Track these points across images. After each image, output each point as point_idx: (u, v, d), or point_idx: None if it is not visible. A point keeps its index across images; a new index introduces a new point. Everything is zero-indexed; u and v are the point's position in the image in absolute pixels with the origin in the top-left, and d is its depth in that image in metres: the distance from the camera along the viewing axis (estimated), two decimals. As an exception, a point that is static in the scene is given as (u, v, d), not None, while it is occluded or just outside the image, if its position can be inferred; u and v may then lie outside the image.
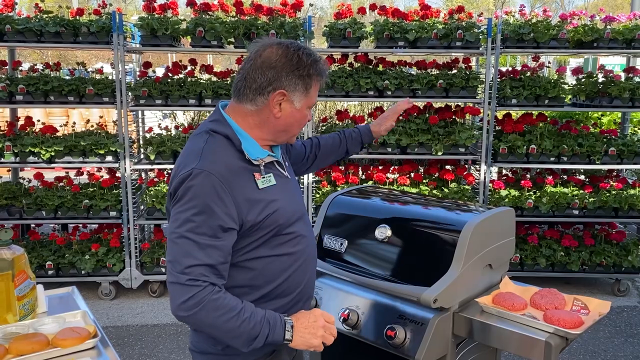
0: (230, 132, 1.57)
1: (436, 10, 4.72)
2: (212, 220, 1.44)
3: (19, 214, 4.52)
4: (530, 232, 4.86)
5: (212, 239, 1.44)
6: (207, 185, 1.45)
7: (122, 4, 22.39)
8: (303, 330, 1.52)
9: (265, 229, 1.55)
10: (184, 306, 1.41)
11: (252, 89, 1.55)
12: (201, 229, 1.44)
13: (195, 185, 1.45)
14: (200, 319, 1.42)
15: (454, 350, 2.00)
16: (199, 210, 1.44)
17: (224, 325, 1.43)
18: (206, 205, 1.44)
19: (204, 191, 1.44)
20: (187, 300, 1.41)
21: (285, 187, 1.66)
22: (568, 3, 29.84)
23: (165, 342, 3.91)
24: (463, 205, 2.41)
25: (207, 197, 1.44)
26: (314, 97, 1.62)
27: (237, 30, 4.40)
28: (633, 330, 4.11)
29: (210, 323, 1.42)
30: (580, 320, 1.81)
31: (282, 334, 1.49)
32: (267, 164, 1.62)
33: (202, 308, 1.40)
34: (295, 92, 1.56)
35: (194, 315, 1.41)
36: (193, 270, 1.42)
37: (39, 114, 8.24)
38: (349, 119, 4.81)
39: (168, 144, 4.51)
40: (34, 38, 4.33)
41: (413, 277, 2.02)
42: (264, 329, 1.46)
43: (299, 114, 1.60)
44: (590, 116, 7.02)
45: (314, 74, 1.57)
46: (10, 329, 1.72)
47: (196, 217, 1.44)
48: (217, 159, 1.50)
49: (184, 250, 1.43)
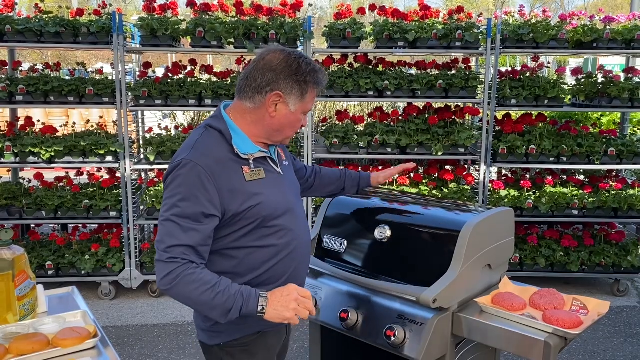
0: (223, 128, 1.71)
1: (436, 11, 4.72)
2: (196, 207, 1.59)
3: (19, 214, 4.52)
4: (530, 232, 4.86)
5: (194, 223, 1.59)
6: (193, 174, 1.60)
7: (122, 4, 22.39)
8: (276, 304, 1.59)
9: (248, 220, 1.67)
10: (164, 281, 1.57)
11: (252, 88, 1.69)
12: (185, 214, 1.59)
13: (182, 174, 1.61)
14: (178, 291, 1.57)
15: (453, 350, 2.00)
16: (183, 197, 1.59)
17: (199, 298, 1.56)
18: (191, 193, 1.59)
19: (189, 180, 1.60)
20: (167, 275, 1.56)
21: (276, 183, 1.77)
22: (568, 3, 29.86)
23: (165, 342, 3.91)
24: (462, 206, 2.42)
25: (192, 186, 1.59)
26: (310, 104, 1.74)
27: (237, 31, 4.41)
28: (632, 330, 4.11)
29: (187, 296, 1.57)
30: (579, 321, 1.82)
31: (255, 307, 1.58)
32: (259, 160, 1.74)
33: (179, 282, 1.55)
34: (291, 95, 1.68)
35: (172, 288, 1.56)
36: (174, 249, 1.57)
37: (39, 114, 8.24)
38: (349, 119, 4.81)
39: (168, 144, 4.51)
40: (34, 38, 4.33)
41: (412, 277, 2.02)
42: (237, 301, 1.57)
43: (293, 117, 1.72)
44: (589, 116, 7.03)
45: (310, 82, 1.70)
46: (10, 329, 1.73)
47: (181, 202, 1.59)
48: (206, 151, 1.65)
49: (168, 232, 1.59)
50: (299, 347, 3.82)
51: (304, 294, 1.62)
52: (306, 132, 4.51)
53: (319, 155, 4.69)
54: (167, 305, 4.50)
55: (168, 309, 4.42)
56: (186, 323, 4.19)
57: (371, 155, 4.64)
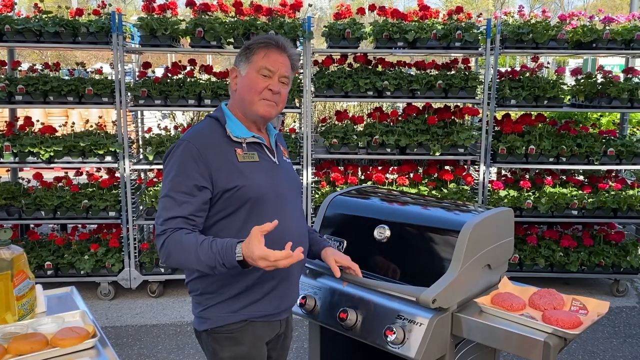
0: (220, 115, 1.86)
1: (435, 11, 4.72)
2: (188, 180, 1.71)
3: (18, 214, 4.52)
4: (529, 233, 4.86)
5: (187, 196, 1.71)
6: (186, 151, 1.74)
7: (121, 4, 22.38)
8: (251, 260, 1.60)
9: (236, 200, 1.76)
10: (161, 252, 1.70)
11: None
12: (179, 188, 1.71)
13: (177, 152, 1.76)
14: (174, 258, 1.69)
15: (452, 350, 2.00)
16: (176, 172, 1.73)
17: (187, 260, 1.67)
18: (183, 168, 1.72)
19: (182, 157, 1.74)
20: (162, 247, 1.69)
21: (268, 169, 1.86)
22: (567, 4, 29.86)
23: (164, 343, 3.91)
24: (462, 206, 2.42)
25: (184, 161, 1.73)
26: (260, 62, 1.81)
27: (237, 31, 4.41)
28: (632, 330, 4.11)
29: (179, 260, 1.69)
30: (579, 321, 1.82)
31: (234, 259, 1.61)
32: (253, 145, 1.85)
33: (171, 249, 1.68)
34: (240, 64, 1.85)
35: (169, 257, 1.69)
36: (169, 222, 1.70)
37: (38, 114, 8.23)
38: (348, 119, 4.81)
39: (167, 144, 4.51)
40: (33, 38, 4.33)
41: (412, 277, 2.02)
42: (217, 261, 1.63)
43: (246, 79, 1.82)
44: (589, 117, 7.03)
45: (253, 44, 1.84)
46: (9, 328, 1.72)
47: (175, 178, 1.73)
48: (201, 132, 1.81)
49: (164, 206, 1.72)
50: (299, 347, 3.82)
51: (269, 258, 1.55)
52: (306, 132, 4.51)
53: (318, 155, 4.68)
54: (166, 305, 4.50)
55: (167, 309, 4.42)
56: (185, 323, 4.18)
57: (370, 156, 4.64)
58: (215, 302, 1.82)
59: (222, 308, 1.82)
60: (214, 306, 1.83)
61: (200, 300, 1.86)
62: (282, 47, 1.84)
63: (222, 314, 1.82)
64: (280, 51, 1.83)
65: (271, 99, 1.82)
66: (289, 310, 1.98)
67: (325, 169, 4.92)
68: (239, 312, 1.82)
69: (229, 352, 1.83)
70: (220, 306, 1.82)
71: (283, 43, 1.85)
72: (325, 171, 4.86)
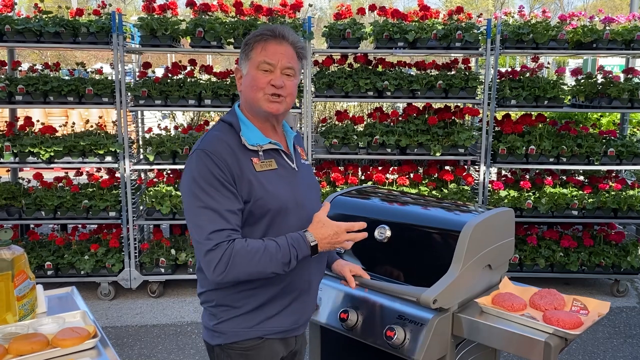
0: (234, 120, 1.73)
1: (435, 11, 4.72)
2: (222, 189, 1.60)
3: (18, 214, 4.52)
4: (530, 233, 4.86)
5: (226, 204, 1.60)
6: (207, 160, 1.61)
7: (121, 4, 22.38)
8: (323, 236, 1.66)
9: (255, 211, 1.66)
10: (217, 270, 1.56)
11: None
12: (213, 198, 1.59)
13: (197, 162, 1.63)
14: (234, 273, 1.57)
15: (453, 350, 2.00)
16: (205, 181, 1.60)
17: (257, 268, 1.58)
18: (211, 174, 1.60)
19: (205, 166, 1.61)
20: (218, 263, 1.56)
21: (287, 177, 1.75)
22: (567, 4, 29.87)
23: (164, 343, 3.91)
24: (462, 206, 2.42)
25: (209, 168, 1.61)
26: (258, 57, 1.69)
27: (237, 31, 4.41)
28: (632, 330, 4.11)
29: (245, 271, 1.58)
30: (580, 321, 1.82)
31: (306, 249, 1.64)
32: (270, 151, 1.73)
33: (231, 264, 1.56)
34: (241, 63, 1.75)
35: (228, 273, 1.56)
36: (218, 234, 1.57)
37: (38, 114, 8.24)
38: (349, 120, 4.81)
39: (167, 145, 4.51)
40: (33, 38, 4.33)
41: (412, 278, 2.02)
42: (291, 253, 1.61)
43: (248, 77, 1.71)
44: (589, 117, 7.03)
45: (250, 40, 1.72)
46: (9, 329, 1.72)
47: (207, 188, 1.60)
48: (216, 140, 1.67)
49: (208, 220, 1.59)
50: (299, 347, 3.82)
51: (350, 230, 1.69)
52: (306, 132, 4.51)
53: (318, 155, 4.69)
54: (166, 305, 4.50)
55: (167, 309, 4.42)
56: (185, 323, 4.18)
57: (371, 156, 4.64)
58: (231, 316, 1.71)
59: (239, 322, 1.71)
60: (230, 320, 1.71)
61: (215, 312, 1.73)
62: (280, 36, 1.69)
63: (237, 329, 1.71)
64: (279, 41, 1.69)
65: (275, 93, 1.69)
66: (305, 325, 1.88)
67: (325, 169, 4.93)
68: (255, 327, 1.72)
69: None
70: (236, 320, 1.71)
71: (281, 31, 1.70)
72: (326, 171, 4.86)
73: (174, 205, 4.49)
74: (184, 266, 4.68)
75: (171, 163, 4.55)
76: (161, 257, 4.55)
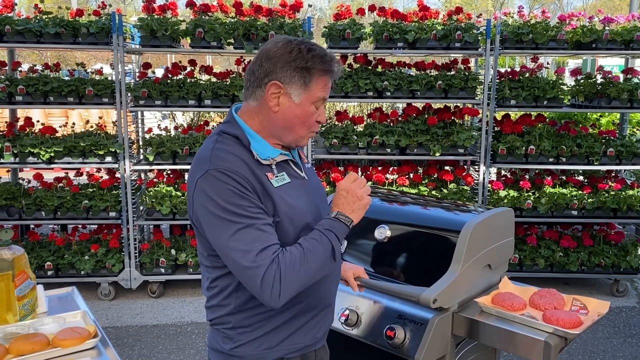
0: (240, 133, 1.53)
1: (435, 12, 4.72)
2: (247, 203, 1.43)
3: (18, 214, 4.52)
4: (529, 233, 4.86)
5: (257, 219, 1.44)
6: (225, 178, 1.43)
7: (121, 4, 22.37)
8: (352, 206, 1.52)
9: (281, 228, 1.51)
10: (274, 294, 1.40)
11: (252, 82, 1.53)
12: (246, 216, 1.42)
13: (215, 183, 1.43)
14: (289, 291, 1.42)
15: (453, 350, 2.00)
16: (229, 200, 1.42)
17: (307, 274, 1.44)
18: (233, 193, 1.42)
19: (224, 184, 1.42)
20: (272, 287, 1.40)
21: (302, 188, 1.60)
22: (567, 4, 29.89)
23: (164, 343, 3.91)
24: (462, 206, 2.42)
25: (230, 186, 1.42)
26: (318, 93, 1.52)
27: (237, 31, 4.41)
28: (632, 330, 4.12)
29: (298, 282, 1.43)
30: (579, 320, 1.82)
31: (344, 227, 1.50)
32: (281, 163, 1.57)
33: (282, 282, 1.40)
34: (291, 84, 1.49)
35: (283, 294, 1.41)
36: (263, 255, 1.41)
37: (38, 115, 8.23)
38: (348, 120, 4.81)
39: (167, 145, 4.51)
40: (33, 39, 4.33)
41: (412, 277, 2.02)
42: (331, 238, 1.47)
43: (299, 109, 1.51)
44: (588, 117, 7.03)
45: (313, 67, 1.48)
46: (10, 329, 1.73)
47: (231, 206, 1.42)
48: (229, 157, 1.47)
49: (245, 243, 1.41)
50: (299, 347, 3.82)
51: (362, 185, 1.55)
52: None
53: (318, 155, 4.69)
54: (166, 305, 4.50)
55: (167, 310, 4.42)
56: (185, 324, 4.19)
57: (371, 156, 4.64)
58: (251, 338, 1.56)
59: (259, 345, 1.56)
60: (249, 343, 1.56)
61: (232, 335, 1.57)
62: (337, 72, 1.55)
63: (257, 352, 1.56)
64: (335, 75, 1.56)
65: (316, 130, 1.58)
66: (324, 338, 1.72)
67: (325, 169, 4.93)
68: (276, 348, 1.57)
69: None
70: (256, 342, 1.56)
71: (339, 67, 1.56)
72: (326, 171, 4.87)
73: (174, 205, 4.49)
74: (184, 266, 4.68)
75: (171, 163, 4.55)
76: (161, 257, 4.56)
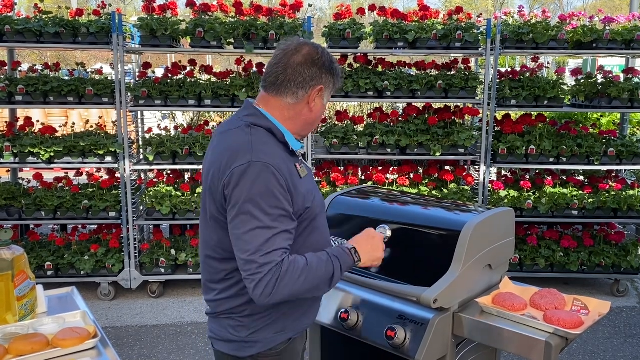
0: (272, 126, 1.64)
1: (435, 11, 4.72)
2: (278, 206, 1.53)
3: (18, 214, 4.51)
4: (530, 233, 4.86)
5: (283, 224, 1.54)
6: (268, 174, 1.53)
7: (121, 4, 22.37)
8: (367, 248, 1.70)
9: (305, 219, 1.64)
10: (265, 292, 1.49)
11: (297, 82, 1.64)
12: (269, 216, 1.52)
13: (257, 176, 1.52)
14: (281, 293, 1.51)
15: (453, 350, 2.00)
16: (264, 199, 1.51)
17: (304, 286, 1.54)
18: (270, 193, 1.52)
19: (266, 181, 1.52)
20: (267, 286, 1.49)
21: (313, 179, 1.78)
22: (567, 4, 29.88)
23: (164, 343, 3.90)
24: (462, 206, 2.42)
25: (270, 185, 1.52)
26: (329, 96, 1.75)
27: (237, 31, 4.41)
28: (632, 330, 4.11)
29: (291, 290, 1.52)
30: (580, 321, 1.82)
31: (351, 259, 1.65)
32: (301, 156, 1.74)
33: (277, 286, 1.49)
34: (328, 88, 1.70)
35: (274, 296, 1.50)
36: (272, 255, 1.50)
37: (38, 115, 8.24)
38: (349, 120, 4.81)
39: (167, 145, 4.51)
40: (33, 38, 4.32)
41: (413, 278, 2.02)
42: (335, 265, 1.59)
43: (323, 109, 1.74)
44: (589, 117, 7.03)
45: (338, 75, 1.72)
46: (10, 329, 1.72)
47: (264, 205, 1.51)
48: (268, 150, 1.58)
49: (259, 240, 1.51)
50: (299, 347, 3.82)
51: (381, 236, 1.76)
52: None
53: (318, 155, 4.68)
54: (166, 305, 4.50)
55: (167, 310, 4.42)
56: (186, 324, 4.18)
57: (371, 156, 4.64)
58: (266, 324, 1.67)
59: (271, 328, 1.68)
60: (263, 328, 1.67)
61: (246, 322, 1.67)
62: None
63: (271, 335, 1.68)
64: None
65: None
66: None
67: (325, 169, 4.92)
68: (286, 330, 1.71)
69: None
70: (270, 327, 1.68)
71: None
72: (326, 171, 4.86)
73: (174, 205, 4.49)
74: (184, 266, 4.68)
75: (171, 163, 4.55)
76: (161, 257, 4.55)
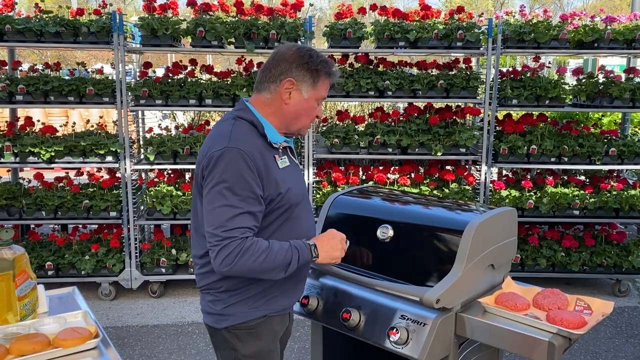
0: (254, 119, 1.81)
1: (437, 11, 4.71)
2: (248, 190, 1.69)
3: (18, 214, 4.51)
4: (531, 233, 4.85)
5: (248, 205, 1.69)
6: (239, 159, 1.69)
7: (122, 4, 22.37)
8: (326, 247, 1.82)
9: (279, 207, 1.79)
10: (224, 263, 1.66)
11: (267, 78, 1.82)
12: (240, 197, 1.68)
13: (229, 160, 1.68)
14: (238, 268, 1.67)
15: (456, 350, 1.99)
16: (234, 180, 1.68)
17: (261, 265, 1.68)
18: (240, 176, 1.68)
19: (237, 165, 1.68)
20: (226, 257, 1.65)
21: (295, 171, 1.92)
22: (567, 4, 29.88)
23: (165, 343, 3.90)
24: (464, 206, 2.41)
25: (240, 169, 1.68)
26: (322, 92, 1.85)
27: (238, 31, 4.40)
28: (634, 330, 4.11)
29: (248, 268, 1.67)
30: (584, 321, 1.81)
31: (309, 254, 1.78)
32: (283, 149, 1.87)
33: (238, 259, 1.65)
34: (303, 82, 1.80)
35: (233, 267, 1.66)
36: (234, 231, 1.66)
37: (39, 114, 8.23)
38: (350, 119, 4.80)
39: (168, 144, 4.50)
40: (33, 38, 4.32)
41: (415, 277, 2.01)
42: (293, 255, 1.73)
43: (307, 103, 1.83)
44: (590, 117, 7.03)
45: (321, 70, 1.81)
46: (11, 329, 1.72)
47: (234, 187, 1.68)
48: (245, 139, 1.74)
49: (228, 217, 1.67)
50: (300, 347, 3.80)
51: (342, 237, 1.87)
52: (307, 131, 4.49)
53: (319, 155, 4.68)
54: (167, 305, 4.49)
55: (168, 310, 4.41)
56: (186, 324, 4.18)
57: (372, 155, 4.63)
58: (240, 299, 1.83)
59: (246, 304, 1.83)
60: (238, 303, 1.83)
61: (223, 297, 1.84)
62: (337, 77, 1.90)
63: (245, 310, 1.83)
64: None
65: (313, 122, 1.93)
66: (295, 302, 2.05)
67: (326, 169, 4.92)
68: (260, 307, 1.85)
69: (250, 348, 1.85)
70: (244, 302, 1.83)
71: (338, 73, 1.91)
72: (327, 171, 4.85)
73: (174, 205, 4.48)
74: (185, 266, 4.67)
75: (172, 163, 4.55)
76: (162, 257, 4.55)
